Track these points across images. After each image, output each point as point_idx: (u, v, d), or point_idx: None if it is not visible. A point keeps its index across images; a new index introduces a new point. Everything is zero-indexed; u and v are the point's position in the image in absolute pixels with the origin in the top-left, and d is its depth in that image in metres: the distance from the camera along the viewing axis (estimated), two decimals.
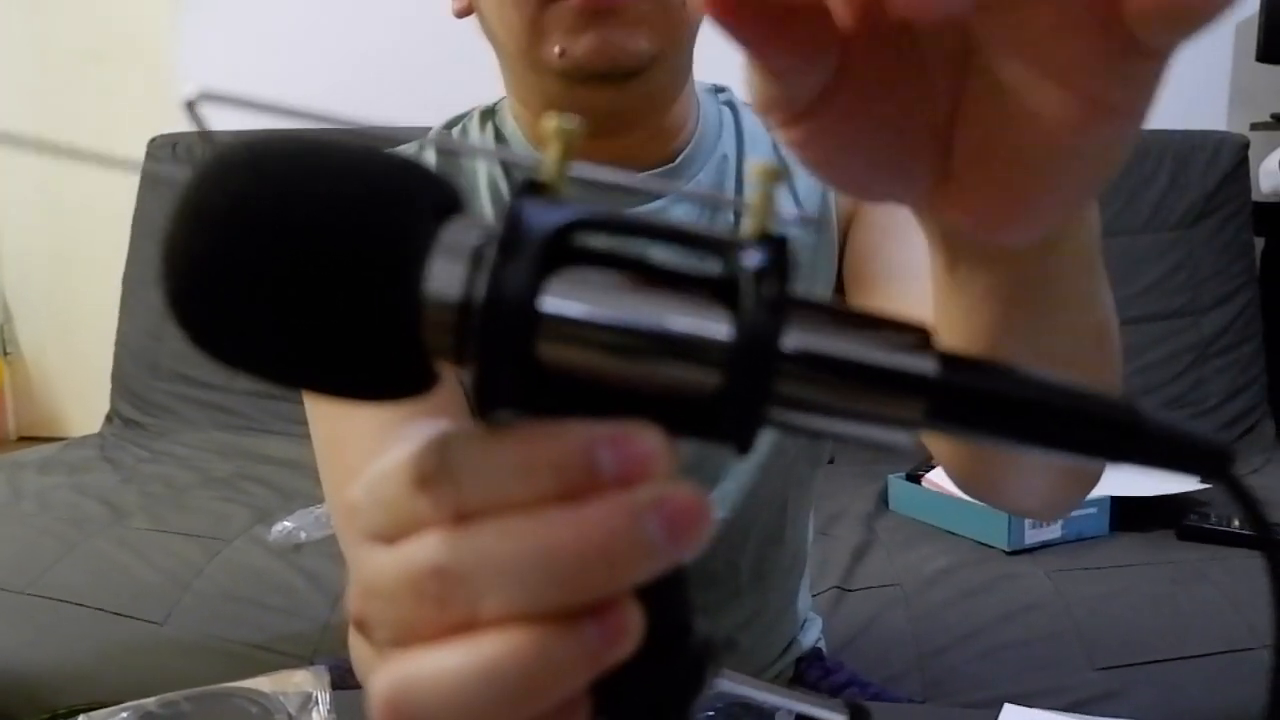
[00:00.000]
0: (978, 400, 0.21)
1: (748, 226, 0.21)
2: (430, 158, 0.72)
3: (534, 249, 0.20)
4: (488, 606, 0.21)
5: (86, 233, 3.09)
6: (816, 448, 0.80)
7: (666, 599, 0.23)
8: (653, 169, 0.71)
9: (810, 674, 0.89)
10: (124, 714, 0.58)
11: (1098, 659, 1.25)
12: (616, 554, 0.20)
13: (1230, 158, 2.05)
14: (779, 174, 0.22)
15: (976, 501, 0.53)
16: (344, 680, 0.82)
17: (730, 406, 0.20)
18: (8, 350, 3.35)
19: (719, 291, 0.21)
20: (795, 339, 0.20)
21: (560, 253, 0.21)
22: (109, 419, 2.23)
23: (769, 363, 0.20)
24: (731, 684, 0.27)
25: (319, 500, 1.53)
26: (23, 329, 3.37)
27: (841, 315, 0.21)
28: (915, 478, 1.65)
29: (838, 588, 1.41)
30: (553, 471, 0.21)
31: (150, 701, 0.59)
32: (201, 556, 1.50)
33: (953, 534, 1.53)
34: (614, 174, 0.24)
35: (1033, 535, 1.47)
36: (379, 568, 0.22)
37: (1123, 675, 1.24)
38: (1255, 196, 2.09)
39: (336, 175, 0.21)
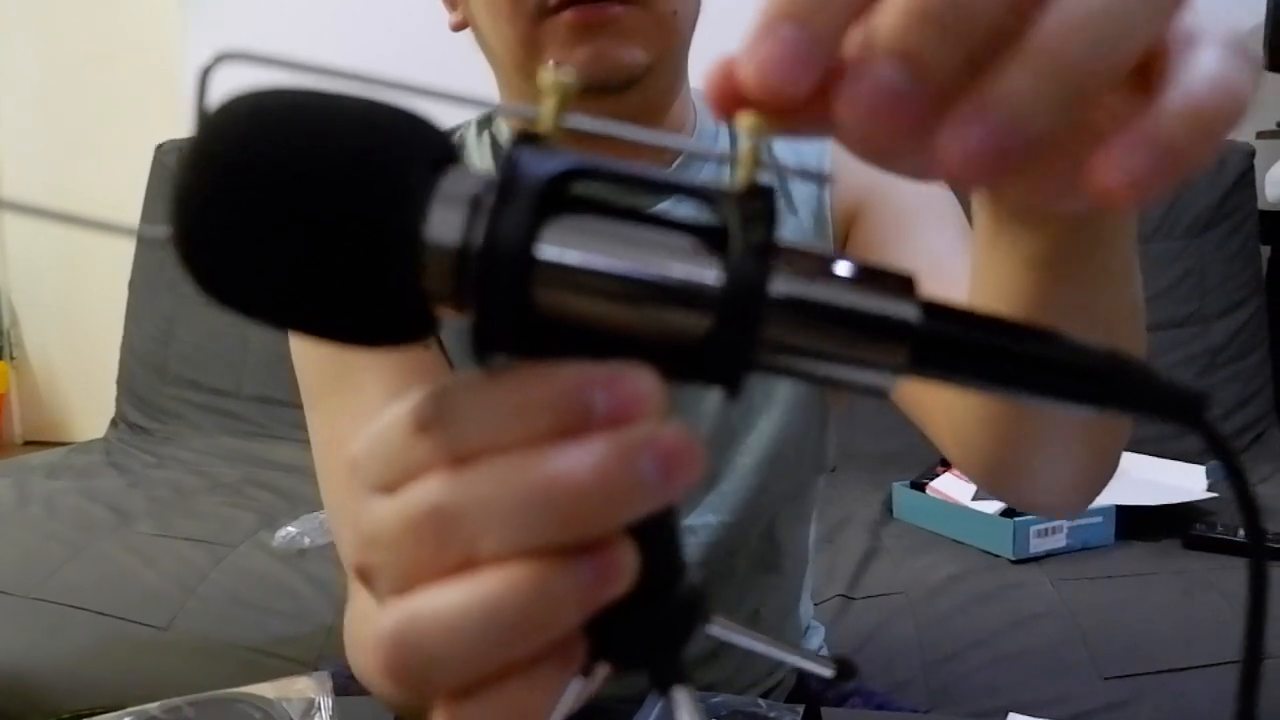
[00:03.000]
0: (959, 346, 0.22)
1: (737, 178, 0.22)
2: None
3: (530, 196, 0.21)
4: (486, 545, 0.21)
5: (93, 237, 3.10)
6: (820, 454, 0.79)
7: (659, 544, 0.23)
8: None
9: (813, 682, 0.89)
10: (127, 718, 0.58)
11: (1105, 668, 1.25)
12: (610, 491, 0.21)
13: (1236, 166, 2.04)
14: (766, 127, 0.22)
15: (984, 508, 0.54)
16: (347, 686, 0.82)
17: (719, 350, 0.21)
18: (14, 354, 3.36)
19: (709, 239, 0.21)
20: (782, 285, 0.21)
21: (556, 200, 0.21)
22: (114, 424, 2.24)
23: (757, 308, 0.21)
24: (722, 630, 0.27)
25: (323, 506, 1.53)
26: (29, 333, 3.38)
27: (828, 262, 0.22)
28: (920, 486, 1.65)
29: (843, 596, 1.40)
30: (548, 412, 0.21)
31: (154, 706, 0.59)
32: (206, 561, 1.50)
33: (958, 542, 1.53)
34: (612, 126, 0.24)
35: (1038, 544, 1.47)
36: (380, 515, 0.23)
37: (1130, 685, 1.24)
38: (1261, 205, 2.09)
39: (340, 124, 0.22)
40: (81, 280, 3.17)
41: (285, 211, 0.21)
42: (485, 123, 0.77)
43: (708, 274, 0.21)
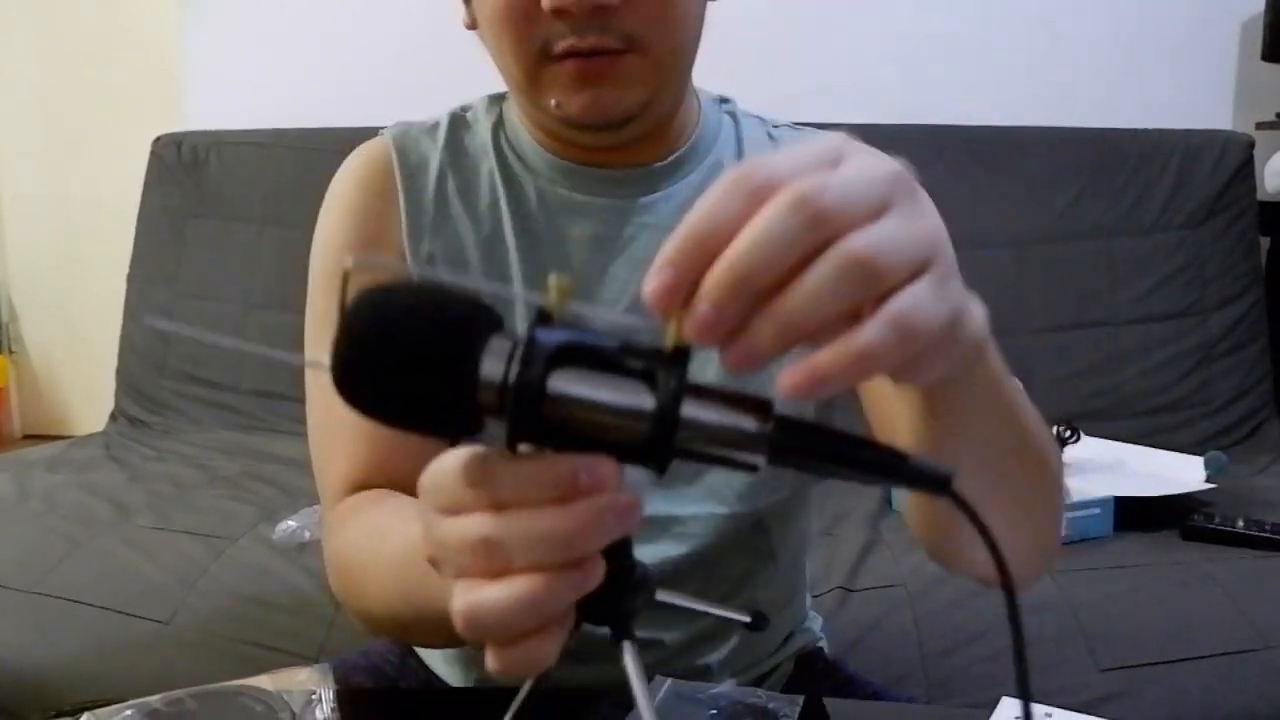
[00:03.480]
0: (797, 446, 0.35)
1: (667, 342, 0.34)
2: (443, 127, 0.79)
3: (543, 358, 0.35)
4: (516, 561, 0.35)
5: (92, 231, 3.10)
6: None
7: (617, 557, 0.39)
8: (648, 165, 0.75)
9: (812, 673, 0.89)
10: (129, 711, 0.58)
11: (1103, 660, 1.25)
12: (588, 533, 0.35)
13: (1236, 157, 2.04)
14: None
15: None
16: (347, 678, 0.82)
17: (652, 447, 0.35)
18: (13, 349, 3.35)
19: (648, 379, 0.35)
20: (688, 410, 0.35)
21: (559, 356, 0.35)
22: (114, 417, 2.24)
23: (673, 423, 0.35)
24: (665, 595, 0.46)
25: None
26: (28, 327, 3.38)
27: (718, 395, 0.35)
28: None
29: (842, 588, 1.41)
30: (552, 483, 0.35)
31: (155, 699, 0.59)
32: (207, 555, 1.50)
33: None
34: (604, 314, 0.34)
35: None
36: (447, 531, 0.37)
37: (1128, 676, 1.24)
38: (1261, 196, 2.09)
39: (433, 309, 0.36)
40: (81, 275, 3.17)
41: (400, 366, 0.35)
42: (497, 100, 0.80)
43: (647, 401, 0.34)
